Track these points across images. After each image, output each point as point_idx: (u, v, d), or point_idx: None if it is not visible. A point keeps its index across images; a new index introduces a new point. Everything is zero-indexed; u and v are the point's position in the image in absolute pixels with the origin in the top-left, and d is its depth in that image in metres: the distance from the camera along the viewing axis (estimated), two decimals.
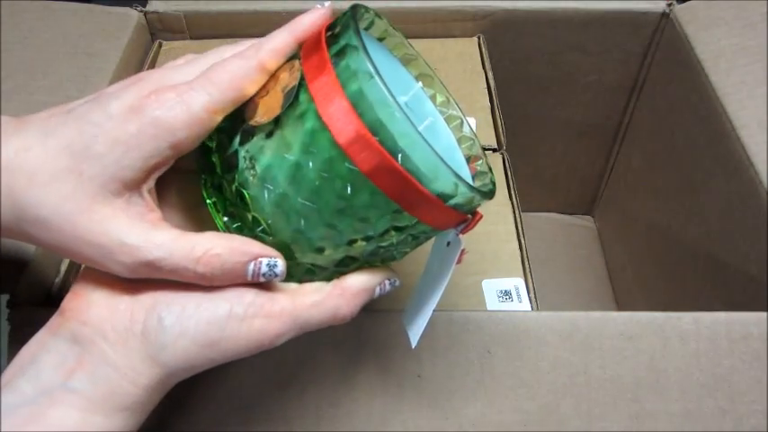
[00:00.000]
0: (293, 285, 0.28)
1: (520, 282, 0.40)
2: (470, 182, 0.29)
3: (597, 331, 0.34)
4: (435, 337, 0.34)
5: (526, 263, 0.42)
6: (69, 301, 0.27)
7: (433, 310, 0.33)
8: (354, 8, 0.28)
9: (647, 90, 0.63)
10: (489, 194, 0.28)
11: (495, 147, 0.49)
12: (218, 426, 0.33)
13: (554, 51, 0.61)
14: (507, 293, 0.40)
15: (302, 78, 0.26)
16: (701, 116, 0.50)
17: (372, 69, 0.24)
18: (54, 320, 0.27)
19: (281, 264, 0.27)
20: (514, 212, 0.44)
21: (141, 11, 0.56)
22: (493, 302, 0.40)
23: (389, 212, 0.26)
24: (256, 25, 0.56)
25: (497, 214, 0.44)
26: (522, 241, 0.43)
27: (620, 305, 0.71)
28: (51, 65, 0.49)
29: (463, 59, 0.56)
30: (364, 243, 0.27)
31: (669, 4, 0.56)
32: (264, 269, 0.26)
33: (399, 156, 0.24)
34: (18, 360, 0.26)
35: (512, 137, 0.50)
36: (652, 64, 0.61)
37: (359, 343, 0.34)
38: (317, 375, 0.34)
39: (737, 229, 0.46)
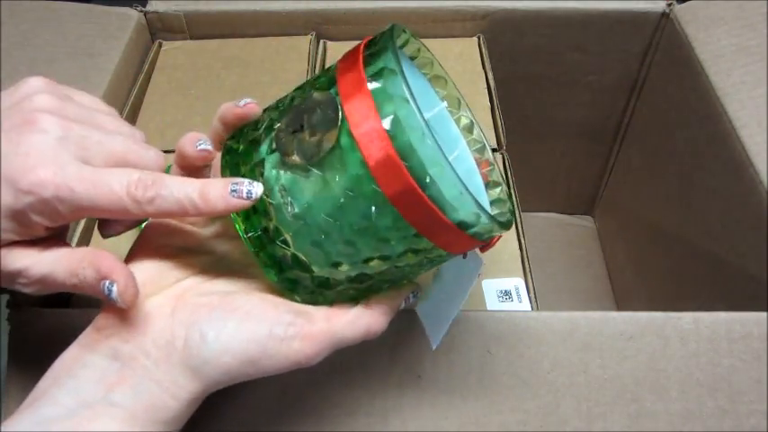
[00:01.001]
0: (323, 307, 0.29)
1: (520, 282, 0.40)
2: (489, 210, 0.28)
3: (597, 331, 0.34)
4: None
5: (526, 263, 0.42)
6: (105, 319, 0.28)
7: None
8: (392, 29, 0.28)
9: (647, 90, 0.63)
10: (507, 225, 0.28)
11: (495, 147, 0.49)
12: (219, 426, 0.33)
13: (554, 51, 0.61)
14: (507, 293, 0.40)
15: (336, 94, 0.26)
16: (701, 116, 0.50)
17: (408, 95, 0.24)
18: (89, 336, 0.28)
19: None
20: (514, 212, 0.44)
21: (141, 11, 0.56)
22: (493, 302, 0.40)
23: (409, 236, 0.26)
24: (256, 25, 0.56)
25: None
26: (522, 241, 0.43)
27: (620, 305, 0.71)
28: (51, 65, 0.49)
29: (463, 59, 0.56)
30: (380, 262, 0.27)
31: (669, 4, 0.56)
32: None
33: (427, 181, 0.25)
34: (51, 374, 0.27)
35: (512, 137, 0.50)
36: (652, 64, 0.61)
37: (359, 343, 0.34)
38: (318, 375, 0.34)
39: (737, 229, 0.46)
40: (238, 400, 0.31)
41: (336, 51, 0.56)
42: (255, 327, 0.27)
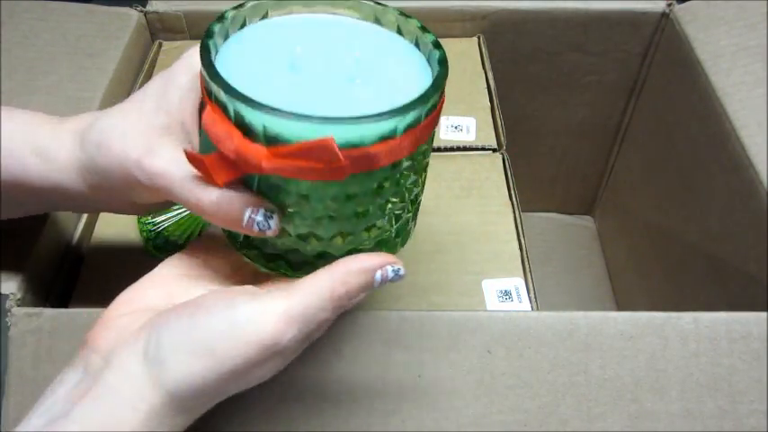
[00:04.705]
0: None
1: (520, 282, 0.40)
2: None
3: (597, 331, 0.34)
4: (435, 337, 0.34)
5: (526, 263, 0.42)
6: (90, 332, 0.27)
7: (434, 311, 0.33)
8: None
9: (647, 90, 0.63)
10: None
11: (495, 147, 0.49)
12: (219, 426, 0.33)
13: (554, 51, 0.61)
14: (507, 293, 0.40)
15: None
16: (701, 116, 0.50)
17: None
18: (76, 353, 0.27)
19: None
20: (514, 212, 0.44)
21: (141, 11, 0.56)
22: (493, 302, 0.40)
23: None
24: None
25: (497, 214, 0.44)
26: (522, 241, 0.43)
27: (620, 305, 0.71)
28: (51, 65, 0.49)
29: (463, 59, 0.56)
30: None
31: (669, 4, 0.56)
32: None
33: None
34: (42, 396, 0.26)
35: (512, 137, 0.50)
36: (652, 64, 0.61)
37: (359, 343, 0.34)
38: (318, 375, 0.34)
39: (737, 229, 0.46)
40: (238, 400, 0.31)
41: None
42: (208, 314, 0.25)
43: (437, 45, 0.29)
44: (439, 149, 0.49)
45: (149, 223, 0.42)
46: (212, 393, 0.26)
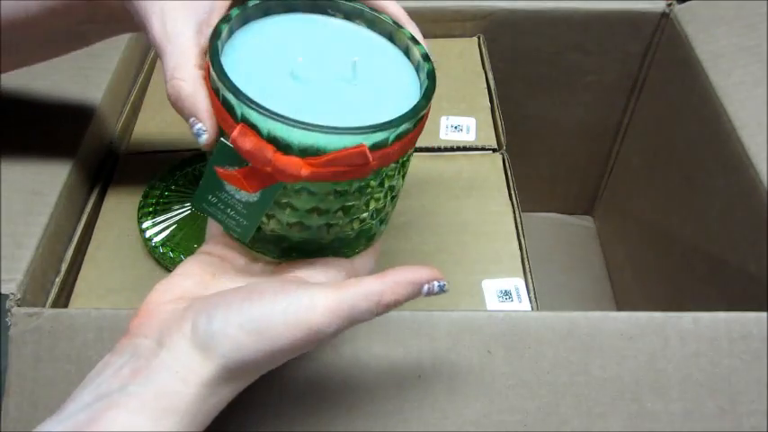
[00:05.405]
0: (339, 278, 0.30)
1: (520, 282, 0.40)
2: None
3: (597, 331, 0.34)
4: (435, 337, 0.34)
5: (526, 263, 0.42)
6: (132, 321, 0.28)
7: (434, 311, 0.33)
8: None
9: (647, 90, 0.63)
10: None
11: (495, 147, 0.49)
12: (218, 426, 0.33)
13: (554, 51, 0.61)
14: (507, 293, 0.40)
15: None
16: (701, 116, 0.50)
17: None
18: (118, 343, 0.28)
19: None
20: (514, 212, 0.44)
21: None
22: (493, 302, 0.40)
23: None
24: None
25: (497, 214, 0.44)
26: (522, 241, 0.43)
27: (620, 305, 0.71)
28: (51, 65, 0.49)
29: (463, 59, 0.56)
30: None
31: (669, 4, 0.56)
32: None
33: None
34: (86, 379, 0.27)
35: (512, 137, 0.50)
36: (652, 64, 0.61)
37: (359, 343, 0.34)
38: (318, 375, 0.34)
39: (737, 229, 0.46)
40: (239, 400, 0.31)
41: None
42: (260, 298, 0.27)
43: (426, 58, 0.31)
44: (439, 149, 0.49)
45: (150, 224, 0.42)
46: (257, 367, 0.28)
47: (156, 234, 0.41)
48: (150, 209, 0.42)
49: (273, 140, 0.26)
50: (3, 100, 0.45)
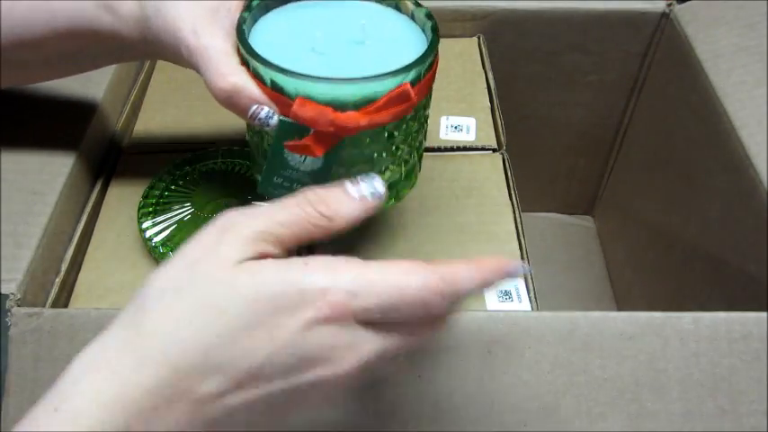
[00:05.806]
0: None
1: (520, 282, 0.40)
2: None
3: (597, 331, 0.34)
4: (435, 336, 0.34)
5: (526, 263, 0.42)
6: None
7: None
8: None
9: (647, 90, 0.63)
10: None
11: (495, 147, 0.49)
12: None
13: (554, 51, 0.61)
14: (507, 293, 0.40)
15: None
16: (701, 116, 0.50)
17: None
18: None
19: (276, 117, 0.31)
20: (514, 212, 0.44)
21: None
22: (493, 302, 0.40)
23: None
24: None
25: (497, 214, 0.44)
26: (522, 241, 0.43)
27: (620, 305, 0.71)
28: None
29: (463, 59, 0.56)
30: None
31: (669, 4, 0.56)
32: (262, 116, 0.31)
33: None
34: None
35: (512, 137, 0.50)
36: (652, 64, 0.61)
37: None
38: None
39: (737, 229, 0.46)
40: None
41: None
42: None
43: (430, 16, 0.35)
44: (439, 149, 0.49)
45: (150, 224, 0.42)
46: None
47: (156, 234, 0.41)
48: (150, 209, 0.42)
49: (330, 103, 0.30)
50: (3, 100, 0.45)
